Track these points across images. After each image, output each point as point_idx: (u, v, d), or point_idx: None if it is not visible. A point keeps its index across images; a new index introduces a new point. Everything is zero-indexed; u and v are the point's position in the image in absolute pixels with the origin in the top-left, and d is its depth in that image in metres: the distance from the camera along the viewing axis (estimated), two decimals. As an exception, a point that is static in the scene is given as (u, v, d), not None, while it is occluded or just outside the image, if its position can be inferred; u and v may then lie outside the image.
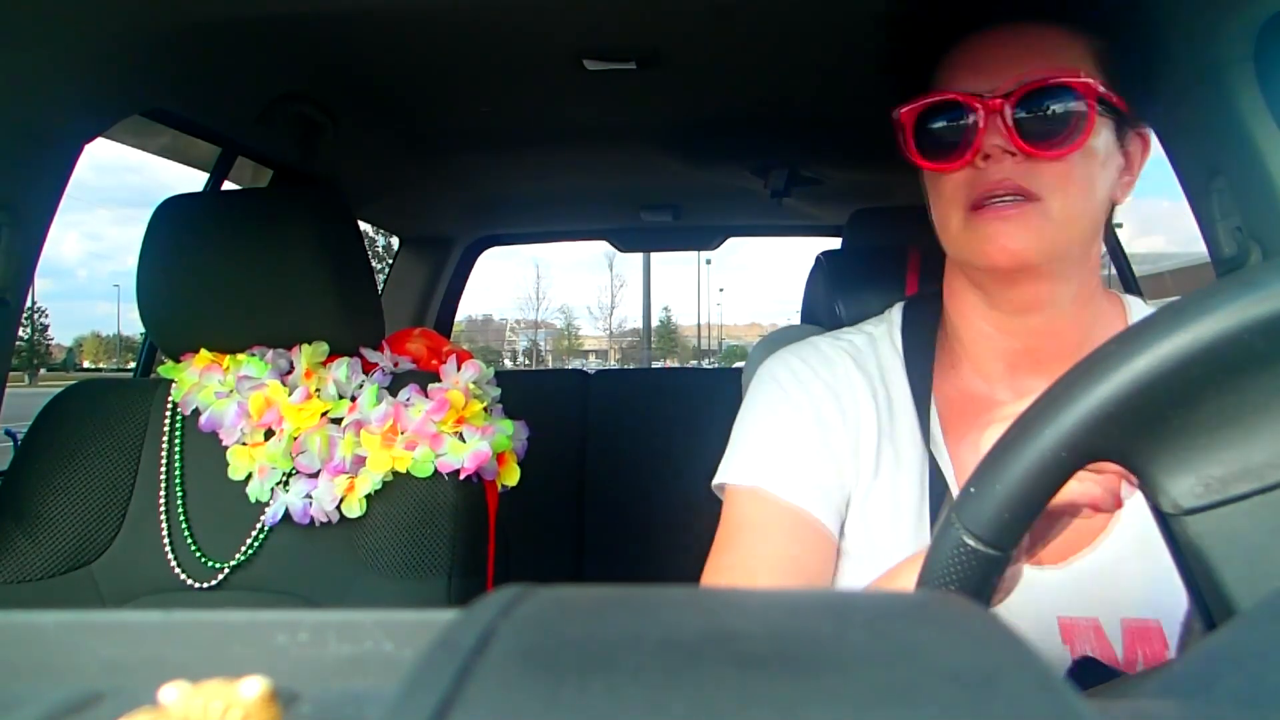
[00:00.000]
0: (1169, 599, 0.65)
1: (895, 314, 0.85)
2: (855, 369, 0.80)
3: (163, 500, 1.12)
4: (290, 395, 1.11)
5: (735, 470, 0.78)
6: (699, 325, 60.19)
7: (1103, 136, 0.70)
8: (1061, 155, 0.68)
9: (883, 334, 0.83)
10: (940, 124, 0.72)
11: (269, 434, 1.11)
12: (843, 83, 1.37)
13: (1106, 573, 0.70)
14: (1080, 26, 0.72)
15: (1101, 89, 0.69)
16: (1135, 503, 0.68)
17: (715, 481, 0.80)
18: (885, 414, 0.78)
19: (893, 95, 0.76)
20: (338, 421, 1.12)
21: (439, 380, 1.15)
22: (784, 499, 0.74)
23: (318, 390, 1.12)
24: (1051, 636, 0.69)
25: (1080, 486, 0.48)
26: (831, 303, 1.19)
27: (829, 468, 0.76)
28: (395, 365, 1.19)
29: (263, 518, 1.10)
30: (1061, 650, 0.69)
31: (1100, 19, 0.72)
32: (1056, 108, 0.68)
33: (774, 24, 1.21)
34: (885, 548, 0.74)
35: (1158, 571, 0.66)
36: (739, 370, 1.50)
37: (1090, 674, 0.63)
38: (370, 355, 1.18)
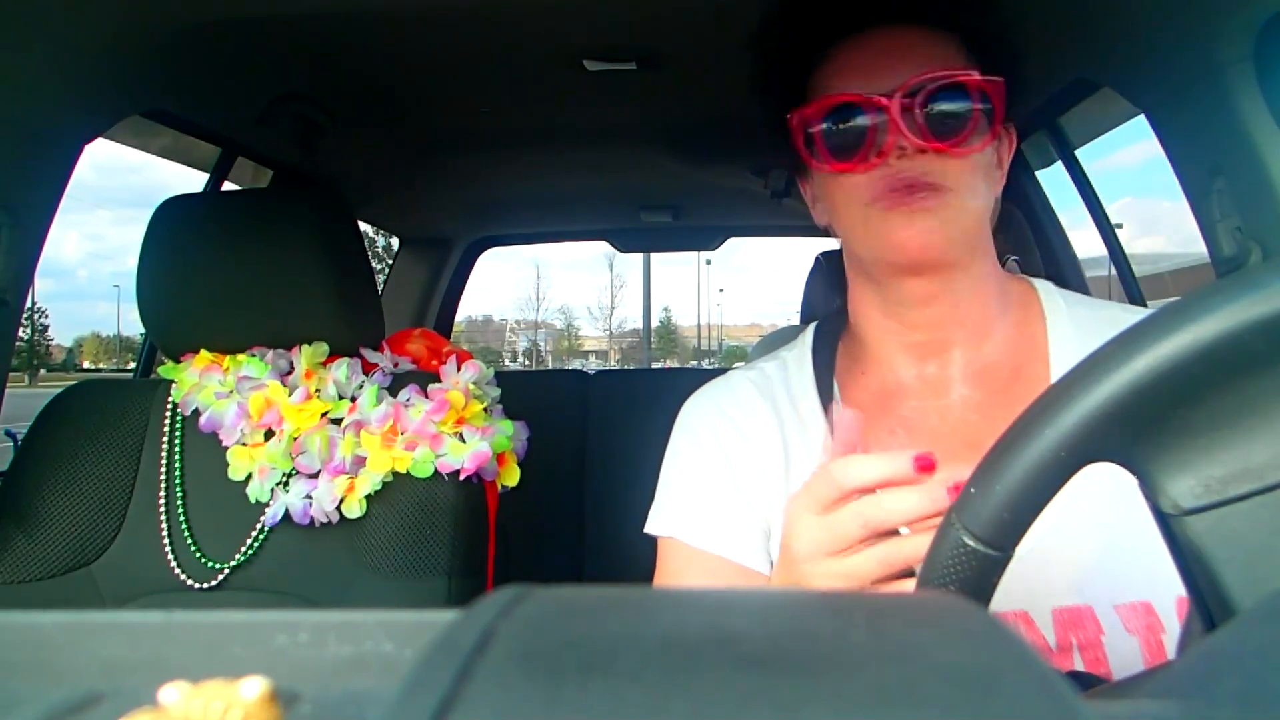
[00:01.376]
0: (1098, 582, 0.67)
1: (808, 335, 0.87)
2: (759, 398, 0.82)
3: (163, 500, 1.12)
4: (290, 396, 1.11)
5: (654, 521, 0.82)
6: (699, 326, 60.23)
7: (984, 122, 0.73)
8: (973, 150, 0.72)
9: (795, 357, 0.85)
10: (844, 125, 0.72)
11: (269, 434, 1.11)
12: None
13: (1031, 564, 0.70)
14: (946, 28, 0.74)
15: (980, 76, 0.72)
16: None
17: (645, 529, 0.83)
18: (797, 434, 0.80)
19: (768, 104, 0.78)
20: (338, 422, 1.12)
21: (439, 381, 1.15)
22: (698, 547, 0.77)
23: (318, 391, 1.12)
24: None
25: (905, 504, 0.50)
26: (830, 304, 1.19)
27: (742, 507, 0.78)
28: (395, 366, 1.19)
29: (263, 518, 1.10)
30: None
31: (962, 20, 0.75)
32: (961, 105, 0.71)
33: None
34: None
35: (1083, 557, 0.68)
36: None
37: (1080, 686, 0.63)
38: (370, 356, 1.18)
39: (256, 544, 1.10)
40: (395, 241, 2.70)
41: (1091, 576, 0.68)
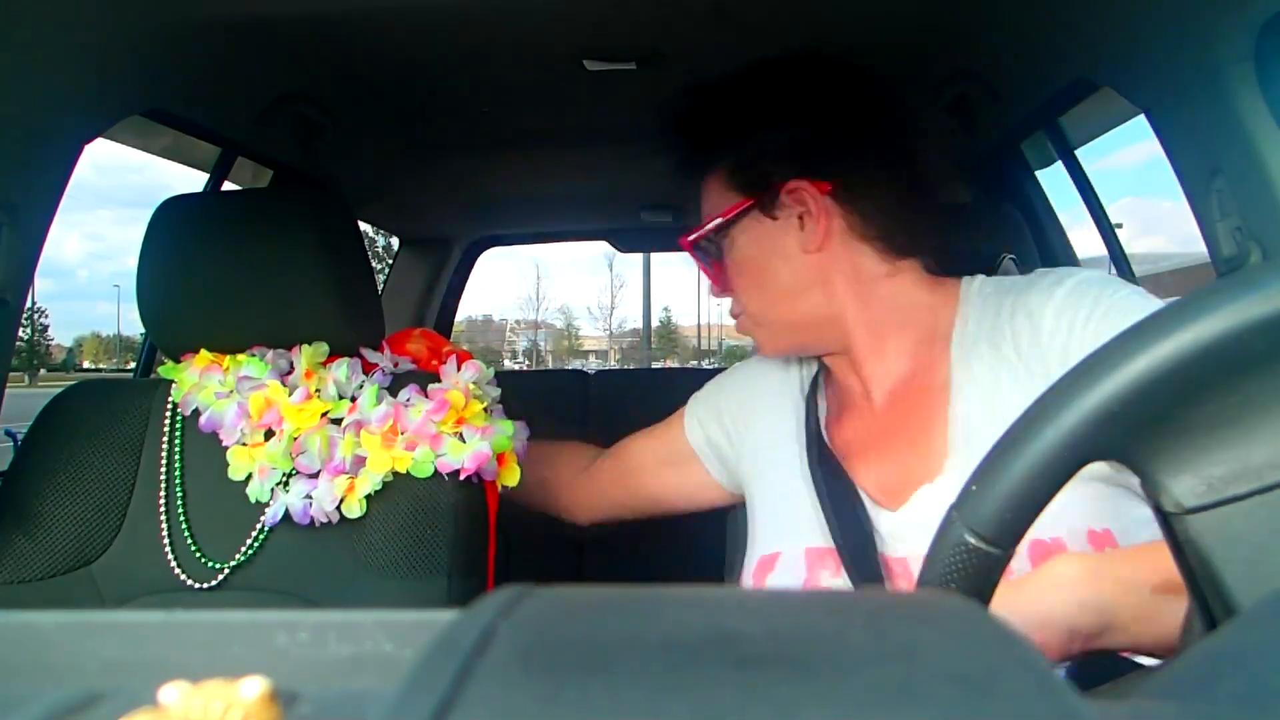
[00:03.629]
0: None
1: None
2: (778, 369, 1.02)
3: (163, 500, 1.12)
4: (290, 396, 1.11)
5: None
6: (699, 325, 60.19)
7: (741, 239, 0.89)
8: (719, 283, 0.94)
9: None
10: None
11: (269, 434, 1.11)
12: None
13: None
14: (715, 160, 0.92)
15: (696, 229, 0.92)
16: (966, 440, 0.79)
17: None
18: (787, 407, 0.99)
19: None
20: (338, 422, 1.11)
21: (439, 381, 1.15)
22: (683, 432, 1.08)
23: (318, 391, 1.12)
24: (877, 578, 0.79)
25: None
26: None
27: (724, 440, 1.04)
28: (395, 366, 1.19)
29: (263, 518, 1.10)
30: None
31: (718, 143, 0.92)
32: (699, 253, 0.95)
33: (774, 24, 1.21)
34: (772, 466, 0.94)
35: None
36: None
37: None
38: (370, 356, 1.18)
39: (256, 544, 1.10)
40: (395, 241, 2.70)
41: None
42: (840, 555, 0.80)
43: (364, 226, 2.04)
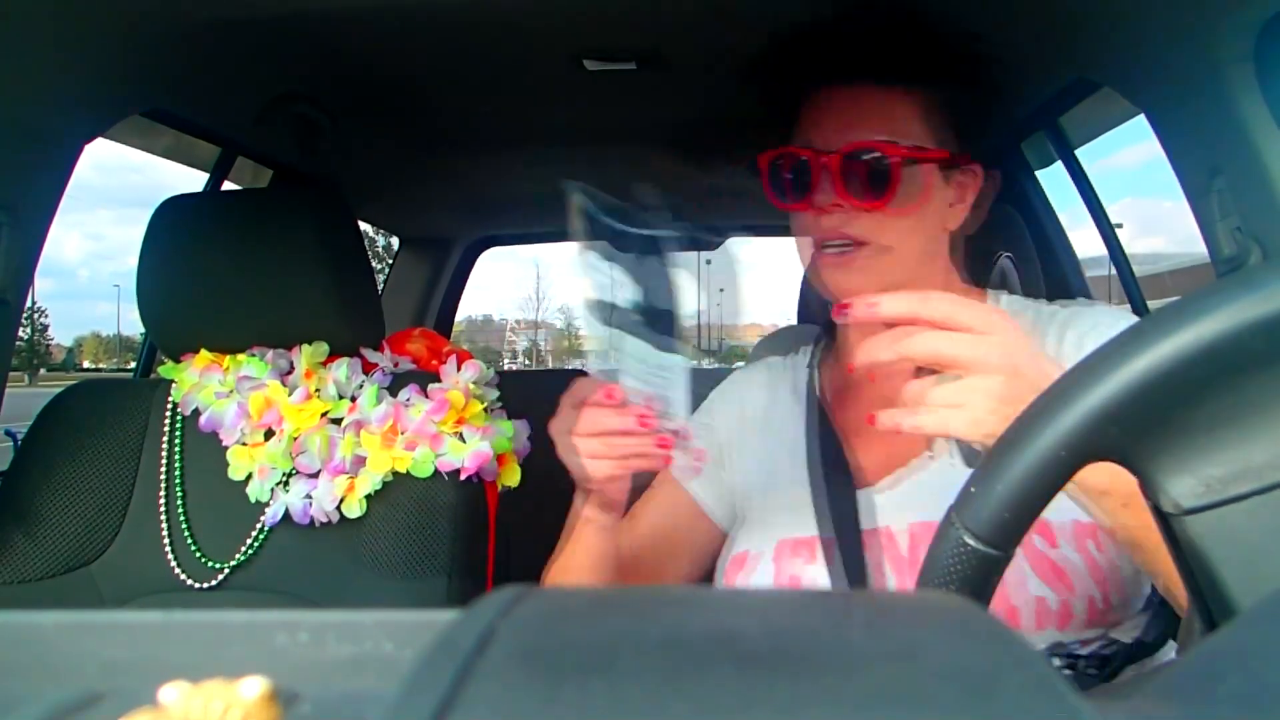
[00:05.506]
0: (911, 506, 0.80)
1: (814, 344, 1.03)
2: (764, 384, 0.99)
3: (163, 500, 1.12)
4: (290, 395, 1.11)
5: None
6: (699, 325, 60.18)
7: (918, 182, 0.82)
8: (878, 207, 0.81)
9: (803, 352, 1.02)
10: (784, 173, 0.85)
11: (269, 434, 1.11)
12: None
13: (932, 487, 0.80)
14: (915, 86, 0.83)
15: (906, 148, 0.81)
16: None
17: None
18: (784, 408, 0.96)
19: (765, 136, 0.89)
20: (338, 422, 1.12)
21: (439, 380, 1.15)
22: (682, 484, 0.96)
23: (318, 390, 1.12)
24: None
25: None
26: (825, 302, 1.19)
27: (721, 466, 0.95)
28: (395, 365, 1.19)
29: (263, 518, 1.10)
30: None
31: (932, 80, 0.84)
32: (872, 167, 0.81)
33: (773, 24, 1.21)
34: (770, 473, 0.91)
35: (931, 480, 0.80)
36: (739, 370, 1.50)
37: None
38: (370, 355, 1.18)
39: (256, 544, 1.10)
40: (395, 241, 2.70)
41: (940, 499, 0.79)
42: (822, 538, 0.81)
43: (364, 226, 2.04)
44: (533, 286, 61.58)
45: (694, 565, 0.94)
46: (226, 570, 1.10)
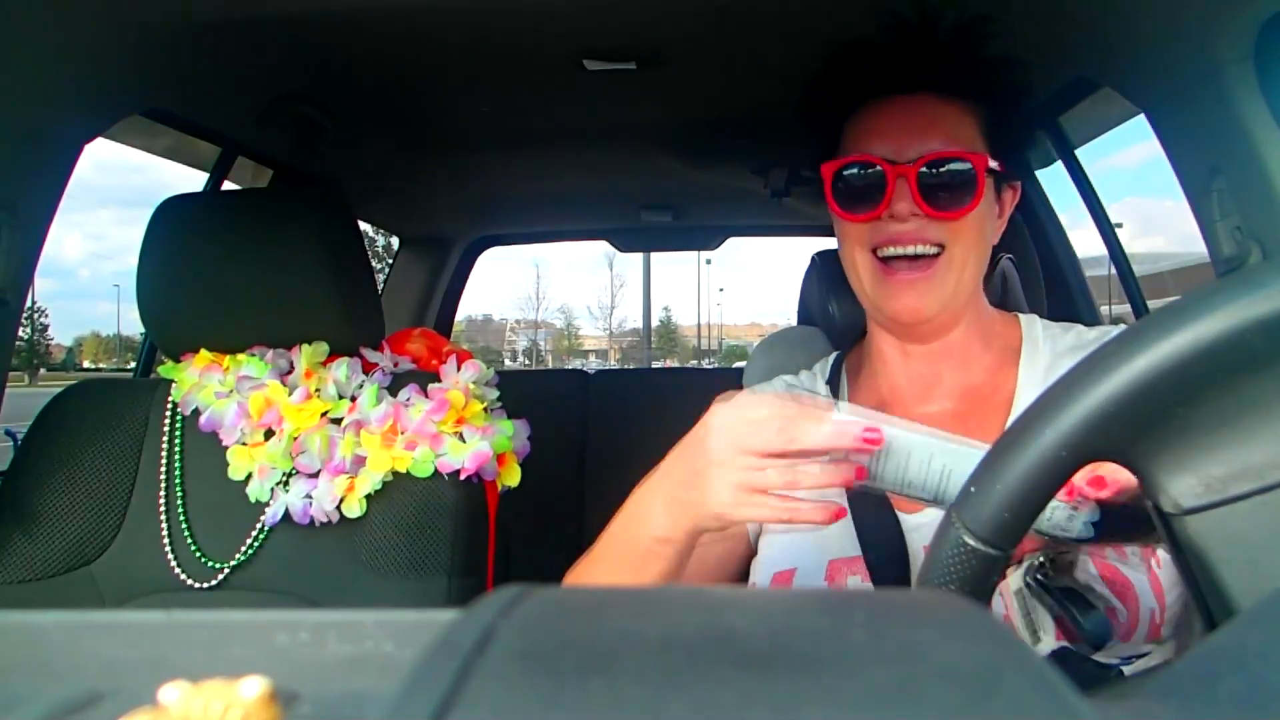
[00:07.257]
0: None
1: (831, 355, 1.01)
2: (787, 391, 0.96)
3: (163, 500, 1.12)
4: (290, 395, 1.11)
5: None
6: (699, 325, 60.20)
7: (988, 194, 0.82)
8: (958, 216, 0.81)
9: (820, 365, 1.01)
10: (856, 182, 0.83)
11: (269, 434, 1.11)
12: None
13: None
14: (969, 100, 0.84)
15: (989, 159, 0.81)
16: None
17: None
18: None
19: (809, 149, 0.90)
20: (338, 421, 1.11)
21: (439, 380, 1.15)
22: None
23: (318, 390, 1.12)
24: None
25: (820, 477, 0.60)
26: (825, 303, 1.19)
27: None
28: (395, 365, 1.19)
29: (263, 518, 1.10)
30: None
31: (984, 94, 0.84)
32: (954, 176, 0.81)
33: (773, 24, 1.21)
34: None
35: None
36: (739, 370, 1.50)
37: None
38: (370, 355, 1.18)
39: (256, 544, 1.10)
40: (395, 241, 2.70)
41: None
42: (868, 560, 0.80)
43: (364, 226, 2.04)
44: (533, 286, 61.68)
45: (722, 571, 0.90)
46: (226, 570, 1.10)
